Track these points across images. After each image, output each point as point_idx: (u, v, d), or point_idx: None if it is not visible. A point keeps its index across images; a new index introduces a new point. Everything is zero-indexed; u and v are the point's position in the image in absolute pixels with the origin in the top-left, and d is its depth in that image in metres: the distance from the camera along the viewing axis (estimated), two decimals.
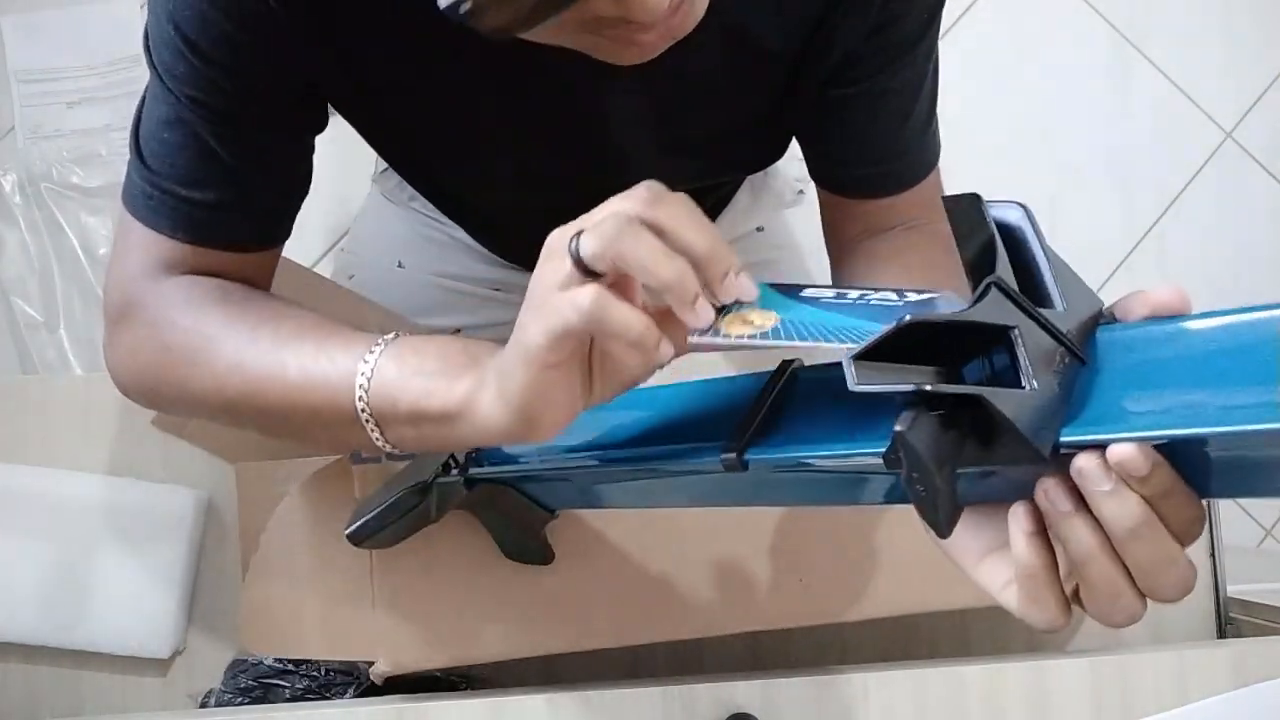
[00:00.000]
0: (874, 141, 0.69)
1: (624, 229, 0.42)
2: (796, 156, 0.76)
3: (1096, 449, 0.36)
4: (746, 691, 0.65)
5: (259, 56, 0.58)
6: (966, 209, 0.41)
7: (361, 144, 0.72)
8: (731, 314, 0.44)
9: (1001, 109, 1.78)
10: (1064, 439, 0.37)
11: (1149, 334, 0.38)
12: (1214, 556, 0.82)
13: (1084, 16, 1.83)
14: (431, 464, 0.60)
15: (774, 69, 0.66)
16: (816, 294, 0.45)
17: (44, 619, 0.74)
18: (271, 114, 0.61)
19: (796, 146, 0.75)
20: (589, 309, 0.42)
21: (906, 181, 0.71)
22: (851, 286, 0.45)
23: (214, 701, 0.72)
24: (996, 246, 0.39)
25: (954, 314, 0.37)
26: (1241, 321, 0.35)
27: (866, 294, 0.45)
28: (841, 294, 0.45)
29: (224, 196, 0.61)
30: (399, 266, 0.97)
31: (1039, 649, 0.80)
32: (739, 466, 0.45)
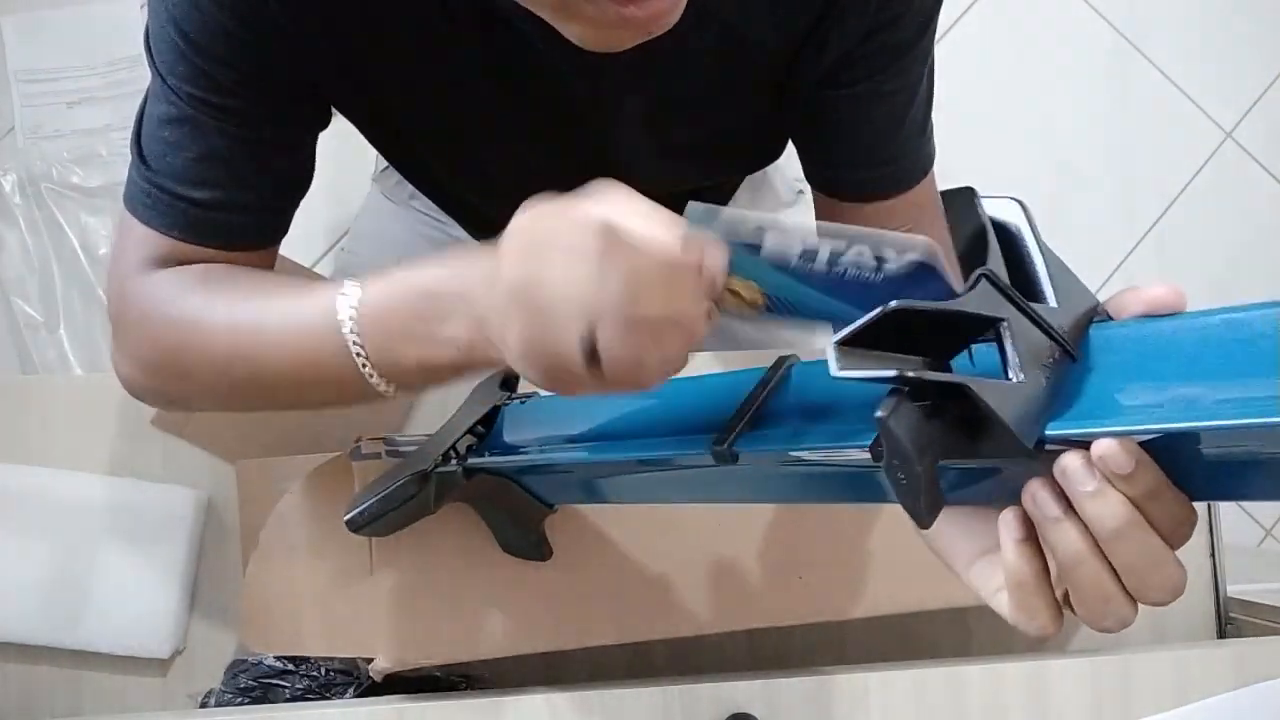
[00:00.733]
0: (869, 144, 0.69)
1: (637, 343, 0.43)
2: (796, 156, 0.76)
3: (1081, 447, 0.36)
4: (746, 691, 0.65)
5: (259, 55, 0.58)
6: (960, 202, 0.40)
7: (361, 144, 0.72)
8: None
9: (1001, 109, 1.78)
10: (1050, 432, 0.36)
11: (1143, 330, 0.37)
12: (1214, 556, 0.82)
13: (1084, 16, 1.83)
14: (431, 453, 0.60)
15: (770, 69, 0.66)
16: (781, 252, 0.42)
17: (44, 619, 0.74)
18: (271, 112, 0.61)
19: None
20: (597, 388, 0.45)
21: (901, 185, 0.70)
22: (820, 238, 0.41)
23: (214, 701, 0.72)
24: (989, 239, 0.39)
25: (942, 304, 0.37)
26: (1238, 317, 0.34)
27: (838, 254, 0.41)
28: (809, 253, 0.41)
29: (222, 195, 0.61)
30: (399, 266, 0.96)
31: (1039, 649, 0.80)
32: (728, 458, 0.45)
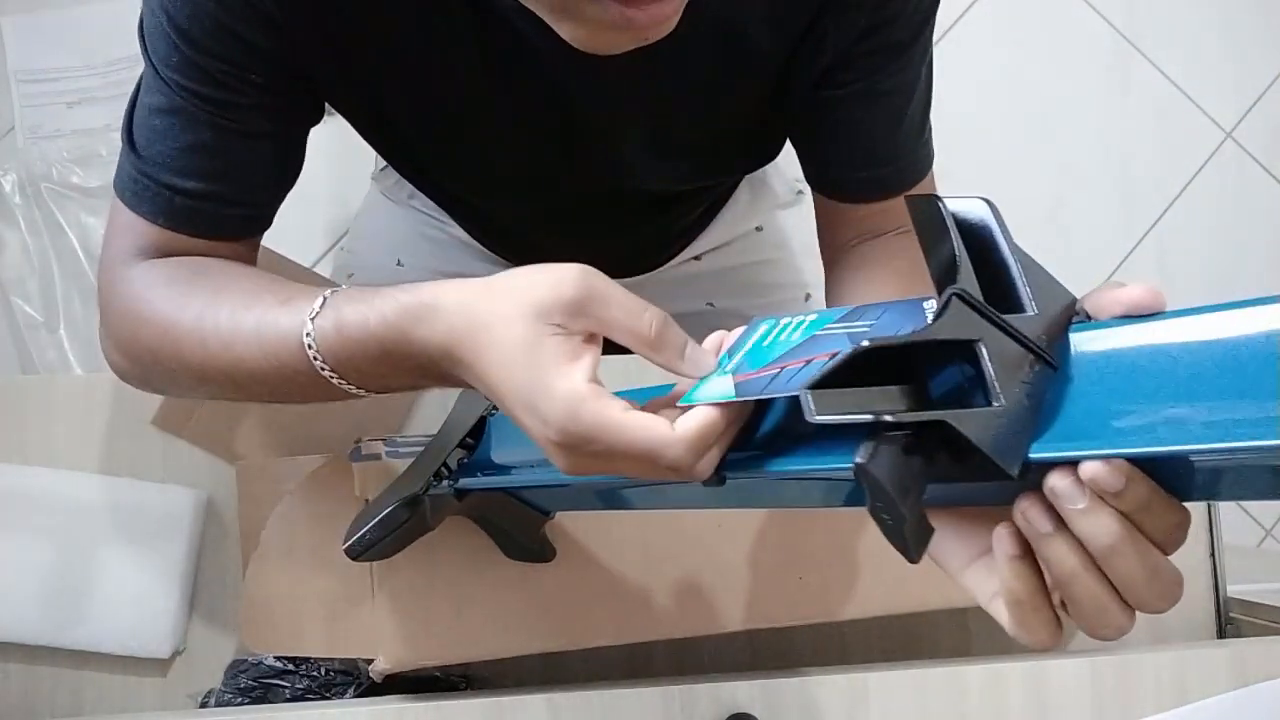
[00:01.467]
0: (867, 144, 0.69)
1: (609, 470, 0.44)
2: (795, 156, 0.76)
3: (1069, 465, 0.34)
4: (746, 691, 0.65)
5: (251, 47, 0.58)
6: (925, 212, 0.39)
7: (361, 144, 0.72)
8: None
9: (1001, 109, 1.78)
10: (1034, 456, 0.35)
11: (1124, 336, 0.35)
12: (1214, 556, 0.82)
13: (1084, 16, 1.83)
14: (422, 476, 0.60)
15: (768, 69, 0.66)
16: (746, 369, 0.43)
17: (44, 619, 0.74)
18: (262, 105, 0.61)
19: None
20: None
21: (900, 186, 0.70)
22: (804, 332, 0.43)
23: (214, 701, 0.72)
24: (957, 252, 0.38)
25: (914, 333, 0.36)
26: (1227, 323, 0.32)
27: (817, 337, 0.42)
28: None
29: (209, 186, 0.61)
30: (398, 265, 0.97)
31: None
32: (715, 480, 0.44)
